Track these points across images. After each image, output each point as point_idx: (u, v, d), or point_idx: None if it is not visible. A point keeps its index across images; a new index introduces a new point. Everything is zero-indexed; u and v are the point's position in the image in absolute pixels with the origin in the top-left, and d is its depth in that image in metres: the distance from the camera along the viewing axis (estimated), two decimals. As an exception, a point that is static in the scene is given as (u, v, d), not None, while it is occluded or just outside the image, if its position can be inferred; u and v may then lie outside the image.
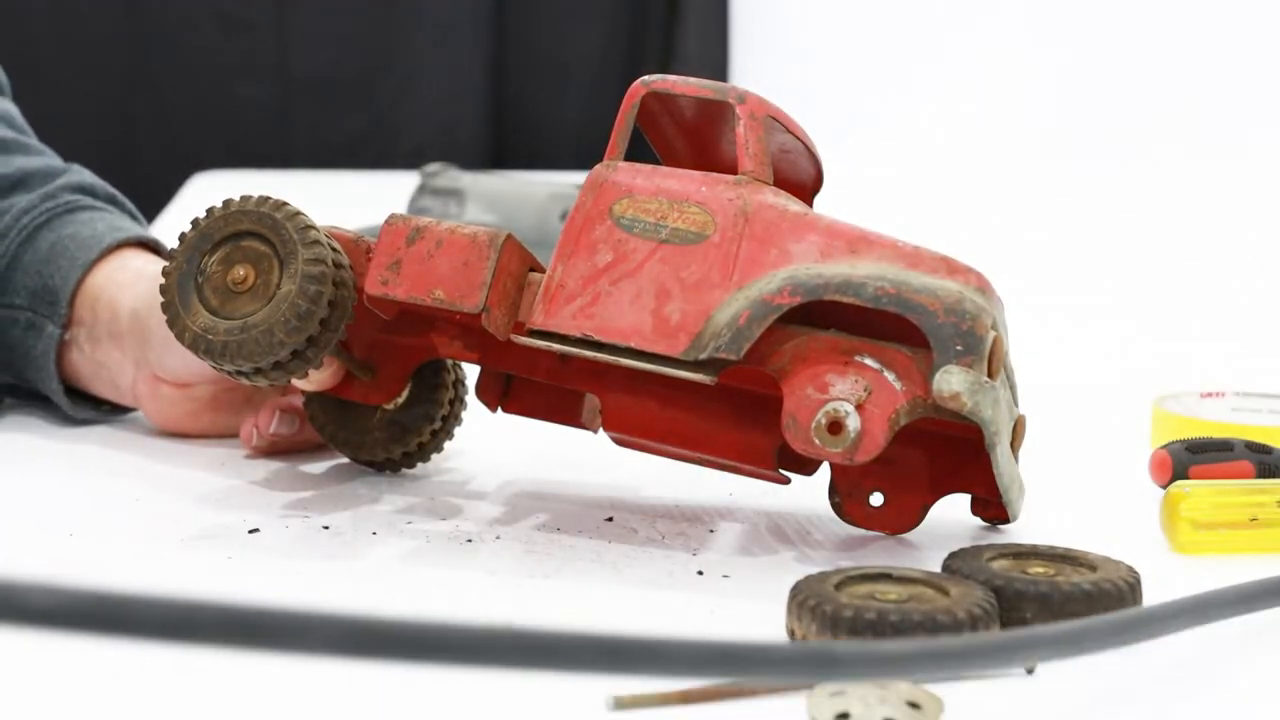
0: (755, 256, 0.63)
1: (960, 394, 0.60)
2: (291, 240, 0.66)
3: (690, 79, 0.67)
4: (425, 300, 0.66)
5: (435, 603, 0.60)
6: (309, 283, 0.66)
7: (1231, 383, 0.92)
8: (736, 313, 0.63)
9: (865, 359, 0.62)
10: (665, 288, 0.64)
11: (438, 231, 0.66)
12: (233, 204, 0.68)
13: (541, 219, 1.33)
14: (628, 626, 0.57)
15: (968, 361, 0.61)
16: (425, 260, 0.66)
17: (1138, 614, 0.54)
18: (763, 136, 0.66)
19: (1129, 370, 1.08)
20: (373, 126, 2.55)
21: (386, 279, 0.66)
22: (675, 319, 0.63)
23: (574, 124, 2.61)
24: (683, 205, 0.65)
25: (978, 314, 0.62)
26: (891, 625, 0.52)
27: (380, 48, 2.54)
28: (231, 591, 0.60)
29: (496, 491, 0.75)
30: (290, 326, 0.65)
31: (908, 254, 0.64)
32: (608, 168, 0.66)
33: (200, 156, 2.37)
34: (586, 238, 0.65)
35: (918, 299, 0.61)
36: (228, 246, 0.67)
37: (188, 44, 2.48)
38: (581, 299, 0.64)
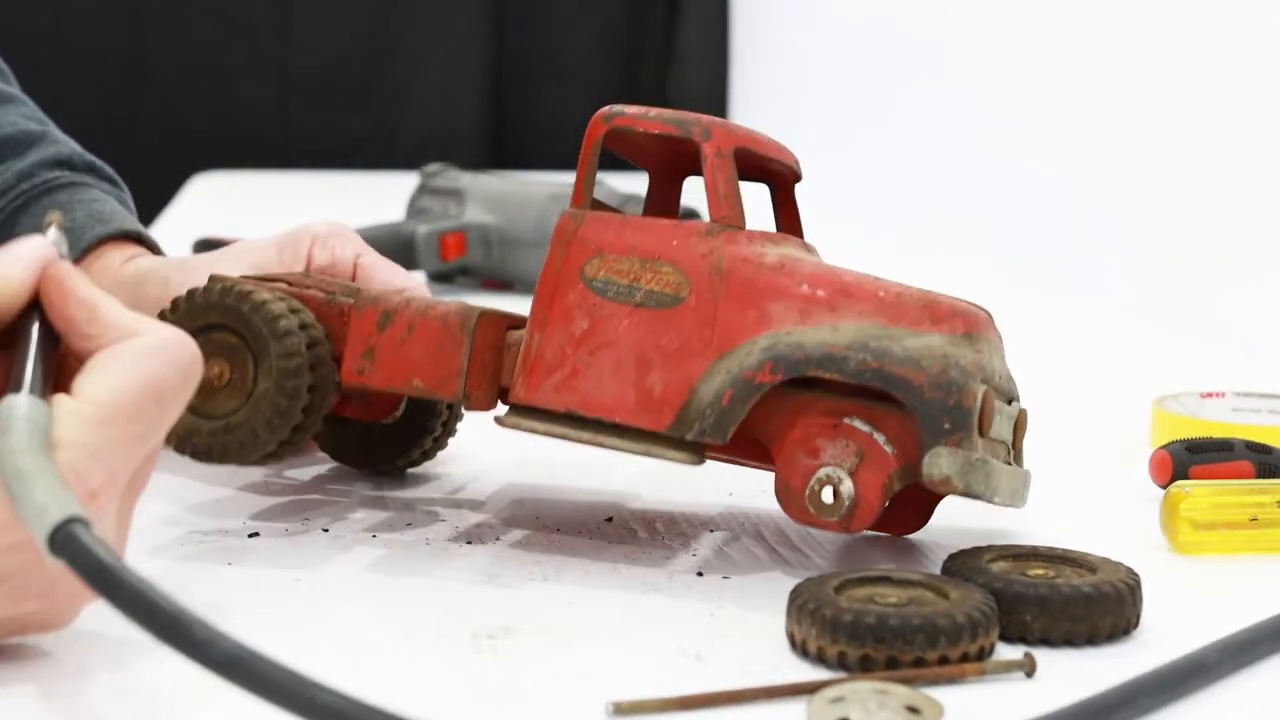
0: (733, 319, 0.62)
1: (951, 477, 0.59)
2: (261, 335, 0.65)
3: (651, 112, 0.65)
4: (404, 390, 0.65)
5: (434, 605, 0.60)
6: (285, 378, 0.64)
7: (1231, 383, 0.92)
8: (719, 390, 0.61)
9: (854, 421, 0.61)
10: (645, 357, 0.62)
11: (408, 315, 0.65)
12: (196, 296, 0.66)
13: (541, 219, 1.32)
14: (627, 628, 0.57)
15: (956, 439, 0.59)
16: (399, 347, 0.65)
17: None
18: (731, 175, 0.63)
19: (1129, 370, 1.08)
20: (373, 126, 2.55)
21: (362, 368, 0.65)
22: (658, 391, 0.62)
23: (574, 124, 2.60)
24: (655, 265, 0.63)
25: (964, 382, 0.60)
26: (891, 629, 0.52)
27: (380, 48, 2.54)
28: (232, 598, 0.60)
29: (496, 493, 0.75)
30: (272, 425, 0.64)
31: (889, 305, 0.61)
32: (574, 219, 0.64)
33: (200, 156, 2.37)
34: (560, 303, 0.63)
35: (901, 373, 0.59)
36: (199, 340, 0.63)
37: (188, 44, 2.48)
38: (562, 371, 0.63)
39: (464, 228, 1.34)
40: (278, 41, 2.51)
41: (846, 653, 0.53)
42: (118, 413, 0.50)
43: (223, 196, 2.03)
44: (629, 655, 0.55)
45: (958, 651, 0.53)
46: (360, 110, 2.54)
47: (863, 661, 0.53)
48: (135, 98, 2.44)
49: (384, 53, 2.54)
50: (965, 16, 1.69)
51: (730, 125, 0.64)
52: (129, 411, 0.50)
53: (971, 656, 0.53)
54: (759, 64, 2.41)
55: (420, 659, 0.54)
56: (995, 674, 0.53)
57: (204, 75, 2.49)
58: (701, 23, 2.55)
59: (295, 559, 0.64)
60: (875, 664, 0.52)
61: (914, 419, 0.60)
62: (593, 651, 0.55)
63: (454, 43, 2.55)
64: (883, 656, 0.52)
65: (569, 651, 0.55)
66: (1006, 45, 1.58)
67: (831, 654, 0.53)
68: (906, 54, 1.84)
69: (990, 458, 0.61)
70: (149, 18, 2.47)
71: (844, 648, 0.53)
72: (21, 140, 0.90)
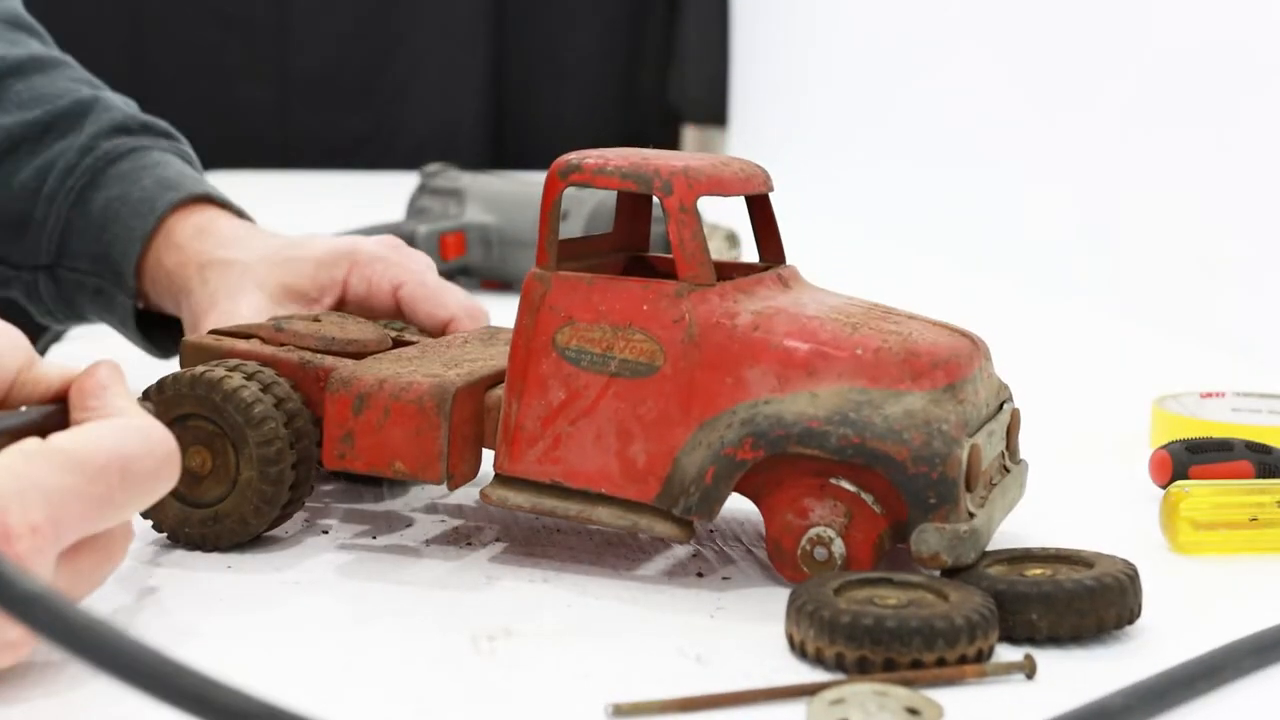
0: (710, 387, 0.60)
1: (940, 554, 0.59)
2: (237, 424, 0.64)
3: (609, 165, 0.63)
4: (387, 473, 0.64)
5: (434, 606, 0.59)
6: (267, 465, 0.63)
7: (1231, 383, 0.92)
8: (702, 467, 0.60)
9: (841, 482, 0.60)
10: (625, 427, 0.61)
11: (382, 398, 0.63)
12: (167, 387, 0.64)
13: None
14: (627, 629, 0.57)
15: (943, 514, 0.58)
16: (377, 431, 0.63)
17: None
18: (697, 231, 0.62)
19: (1129, 370, 1.08)
20: (373, 126, 2.56)
21: (343, 453, 0.64)
22: (641, 461, 0.61)
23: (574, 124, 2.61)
24: (627, 332, 0.61)
25: (948, 452, 0.58)
26: (889, 631, 0.52)
27: (380, 48, 2.54)
28: (232, 599, 0.60)
29: (496, 494, 0.75)
30: (260, 511, 0.64)
31: (868, 365, 0.60)
32: (541, 281, 0.63)
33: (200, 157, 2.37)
34: (535, 371, 0.62)
35: (883, 449, 0.58)
36: (177, 428, 0.64)
37: (188, 44, 2.48)
38: (543, 441, 0.62)
39: (464, 228, 1.34)
40: (278, 41, 2.51)
41: (845, 654, 0.53)
42: (79, 466, 0.50)
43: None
44: (629, 657, 0.55)
45: (956, 653, 0.53)
46: (360, 110, 2.55)
47: (861, 663, 0.53)
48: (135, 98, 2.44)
49: (384, 53, 2.55)
50: (964, 17, 1.69)
51: (692, 171, 0.62)
52: (90, 470, 0.50)
53: (971, 658, 0.53)
54: (759, 64, 2.41)
55: (420, 660, 0.54)
56: (995, 676, 0.53)
57: (204, 75, 2.49)
58: (701, 23, 2.55)
59: (295, 561, 0.64)
60: (872, 665, 0.52)
61: (889, 480, 0.59)
62: (592, 653, 0.55)
63: (454, 43, 2.56)
64: (881, 658, 0.52)
65: (568, 653, 0.55)
66: (1006, 46, 1.58)
67: (830, 656, 0.53)
68: (906, 54, 1.84)
69: (976, 524, 0.59)
70: (149, 18, 2.47)
71: (843, 649, 0.53)
72: (76, 111, 0.90)
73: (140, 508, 0.52)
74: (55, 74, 0.93)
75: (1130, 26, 1.33)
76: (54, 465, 0.49)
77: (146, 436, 0.52)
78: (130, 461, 0.51)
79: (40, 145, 0.89)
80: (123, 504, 0.51)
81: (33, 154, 0.89)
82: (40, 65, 0.93)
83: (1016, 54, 1.56)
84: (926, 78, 1.78)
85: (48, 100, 0.91)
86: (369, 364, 0.66)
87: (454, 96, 2.57)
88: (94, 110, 0.91)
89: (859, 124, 1.95)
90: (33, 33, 0.97)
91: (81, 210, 0.87)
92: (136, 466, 0.51)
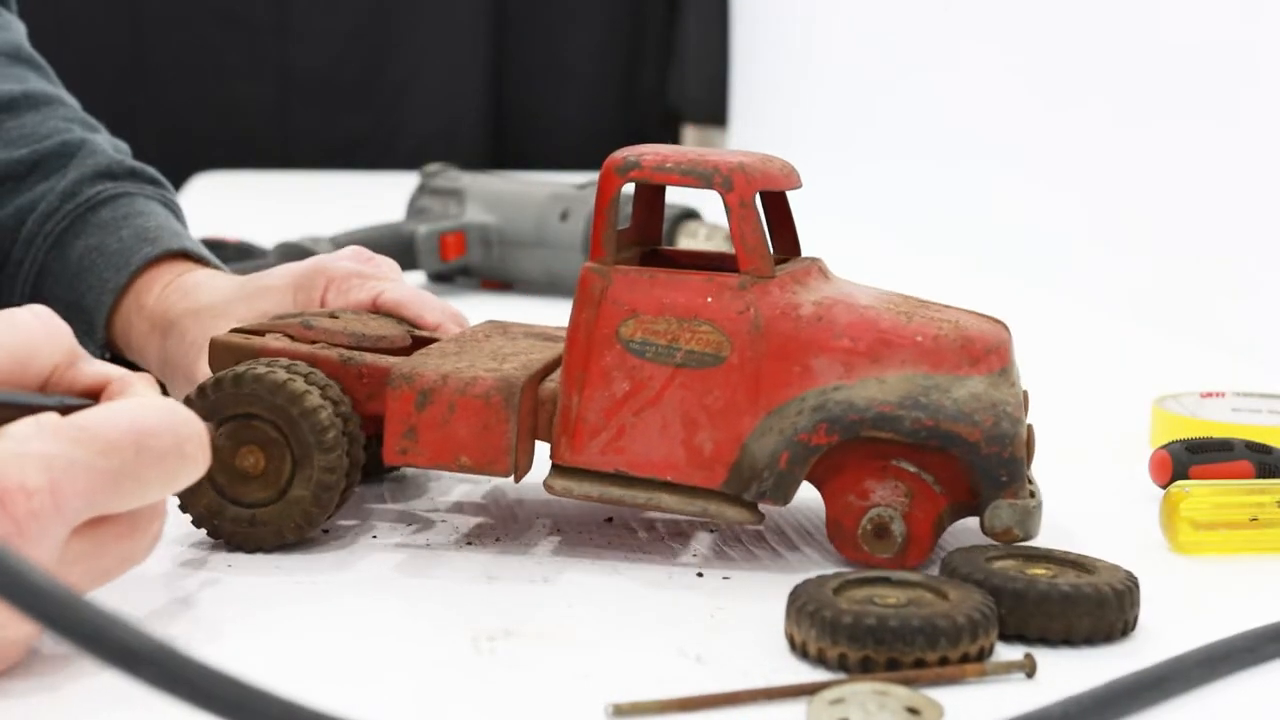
0: (778, 377, 0.62)
1: (1011, 528, 0.62)
2: (307, 444, 0.64)
3: (668, 162, 0.64)
4: (451, 467, 0.64)
5: (433, 607, 0.60)
6: (323, 490, 0.64)
7: (1231, 383, 0.92)
8: (775, 452, 0.62)
9: (902, 463, 0.63)
10: (691, 416, 0.63)
11: (448, 394, 0.63)
12: (245, 382, 0.64)
13: (541, 219, 1.32)
14: (627, 629, 0.57)
15: (1013, 491, 0.62)
16: (442, 426, 0.63)
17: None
18: (757, 224, 0.63)
19: (1129, 370, 1.08)
20: (373, 126, 2.56)
21: (405, 448, 0.64)
22: (708, 449, 0.63)
23: (574, 124, 2.61)
24: (693, 324, 0.63)
25: (1014, 431, 0.62)
26: (891, 630, 0.52)
27: (380, 48, 2.54)
28: (230, 598, 0.60)
29: (496, 494, 0.75)
30: (300, 529, 0.64)
31: (929, 350, 0.62)
32: (601, 275, 0.64)
33: (200, 156, 2.37)
34: (597, 364, 0.63)
35: (956, 430, 0.62)
36: (237, 423, 0.64)
37: (188, 43, 2.48)
38: (606, 432, 0.63)
39: (464, 228, 1.34)
40: (278, 41, 2.51)
41: (846, 654, 0.53)
42: (91, 438, 0.49)
43: (223, 196, 2.03)
44: (629, 657, 0.55)
45: (958, 652, 0.53)
46: (360, 110, 2.55)
47: (863, 663, 0.53)
48: (135, 98, 2.44)
49: (384, 52, 2.54)
50: (964, 17, 1.69)
51: (749, 168, 0.64)
52: (102, 443, 0.50)
53: (971, 657, 0.53)
54: (759, 64, 2.41)
55: (420, 661, 0.54)
56: (995, 675, 0.53)
57: (204, 75, 2.49)
58: (701, 23, 2.55)
59: (295, 561, 0.64)
60: (875, 665, 0.52)
61: (961, 462, 0.62)
62: (592, 653, 0.55)
63: (454, 43, 2.56)
64: (883, 658, 0.52)
65: (569, 653, 0.55)
66: (1006, 45, 1.58)
67: (831, 655, 0.53)
68: (906, 54, 1.84)
69: (1039, 498, 0.64)
70: (149, 18, 2.47)
71: (844, 649, 0.53)
72: (62, 153, 0.90)
73: (168, 488, 0.52)
74: (48, 112, 0.92)
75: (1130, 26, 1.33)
76: (62, 435, 0.49)
77: (169, 414, 0.52)
78: (147, 437, 0.51)
79: (23, 185, 0.89)
80: (142, 480, 0.51)
81: (15, 193, 0.89)
82: (34, 103, 0.92)
83: (1016, 54, 1.56)
84: (926, 77, 1.78)
85: (35, 139, 0.90)
86: (422, 359, 0.66)
87: (454, 96, 2.56)
88: (80, 153, 0.90)
89: (858, 124, 1.95)
90: (33, 67, 0.96)
91: (59, 255, 0.87)
92: (154, 442, 0.51)
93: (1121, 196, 1.35)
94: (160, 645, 0.41)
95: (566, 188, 1.35)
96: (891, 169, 1.86)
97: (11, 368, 0.52)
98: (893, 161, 1.85)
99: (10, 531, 0.47)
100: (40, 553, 0.48)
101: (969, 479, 0.63)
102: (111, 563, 0.52)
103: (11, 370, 0.52)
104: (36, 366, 0.53)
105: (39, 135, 0.90)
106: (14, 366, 0.52)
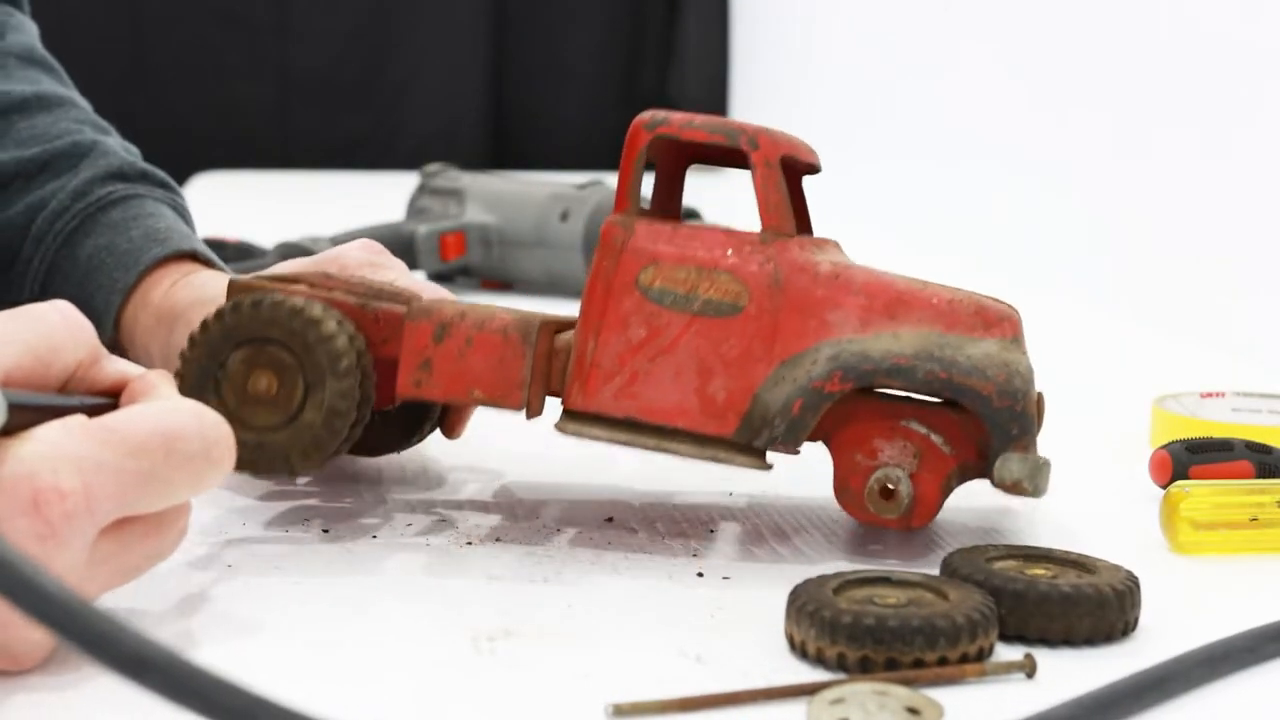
0: (794, 328, 0.63)
1: (1021, 481, 0.63)
2: (320, 368, 0.64)
3: (695, 119, 0.65)
4: (464, 401, 0.65)
5: (434, 608, 0.59)
6: (334, 417, 0.64)
7: (1231, 383, 0.92)
8: (788, 400, 0.63)
9: (911, 424, 0.64)
10: (706, 364, 0.63)
11: (465, 328, 0.64)
12: (264, 306, 0.65)
13: (541, 219, 1.32)
14: (627, 629, 0.57)
15: (1024, 444, 0.63)
16: (458, 359, 0.64)
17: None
18: (780, 184, 0.64)
19: (1129, 370, 1.08)
20: (373, 126, 2.55)
21: (419, 380, 0.65)
22: (721, 397, 0.63)
23: (574, 124, 2.61)
24: (713, 274, 0.64)
25: (1026, 389, 0.63)
26: (890, 630, 0.52)
27: (380, 48, 2.54)
28: (229, 597, 0.60)
29: (496, 493, 0.75)
30: (308, 455, 0.64)
31: (944, 312, 0.64)
32: (623, 227, 0.65)
33: (200, 156, 2.37)
34: (615, 311, 0.64)
35: (969, 383, 0.62)
36: (253, 347, 0.65)
37: (188, 44, 2.48)
38: (620, 377, 0.64)
39: (464, 228, 1.34)
40: (278, 41, 2.51)
41: (845, 654, 0.53)
42: (120, 440, 0.50)
43: (223, 196, 2.03)
44: (629, 657, 0.55)
45: (957, 653, 0.53)
46: (360, 110, 2.54)
47: (861, 663, 0.53)
48: (135, 98, 2.44)
49: (384, 52, 2.54)
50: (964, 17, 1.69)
51: (773, 132, 0.65)
52: (131, 445, 0.50)
53: (971, 657, 0.53)
54: (759, 64, 2.41)
55: (420, 661, 0.54)
56: (995, 675, 0.53)
57: (204, 75, 2.48)
58: (701, 22, 2.55)
59: (295, 561, 0.64)
60: (874, 665, 0.52)
61: (970, 419, 0.63)
62: (592, 653, 0.55)
63: (454, 43, 2.55)
64: (881, 658, 0.52)
65: (569, 653, 0.55)
66: (1006, 45, 1.58)
67: (831, 655, 0.53)
68: (906, 54, 1.84)
69: (1047, 459, 0.64)
70: (149, 18, 2.47)
71: (844, 649, 0.53)
72: (74, 153, 0.90)
73: (193, 490, 0.52)
74: (60, 113, 0.93)
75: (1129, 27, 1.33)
76: (92, 438, 0.50)
77: (197, 417, 0.52)
78: (175, 440, 0.51)
79: (33, 183, 0.89)
80: (170, 483, 0.51)
81: (25, 191, 0.89)
82: (46, 104, 0.93)
83: (1016, 54, 1.56)
84: (926, 77, 1.78)
85: (47, 139, 0.90)
86: (439, 301, 0.67)
87: (454, 96, 2.56)
88: (92, 154, 0.90)
89: (858, 124, 1.95)
90: (46, 69, 0.96)
91: (68, 254, 0.87)
92: (183, 445, 0.51)
93: (1122, 197, 1.35)
94: (168, 654, 0.41)
95: (566, 188, 1.34)
96: (891, 169, 1.86)
97: (35, 366, 0.52)
98: (892, 161, 1.85)
99: (44, 533, 0.48)
100: (71, 554, 0.49)
101: (977, 440, 0.64)
102: (138, 559, 0.53)
103: (35, 369, 0.52)
104: (60, 364, 0.53)
105: (50, 135, 0.91)
106: (37, 365, 0.52)
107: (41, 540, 0.48)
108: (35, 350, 0.52)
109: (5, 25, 0.96)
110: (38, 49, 0.97)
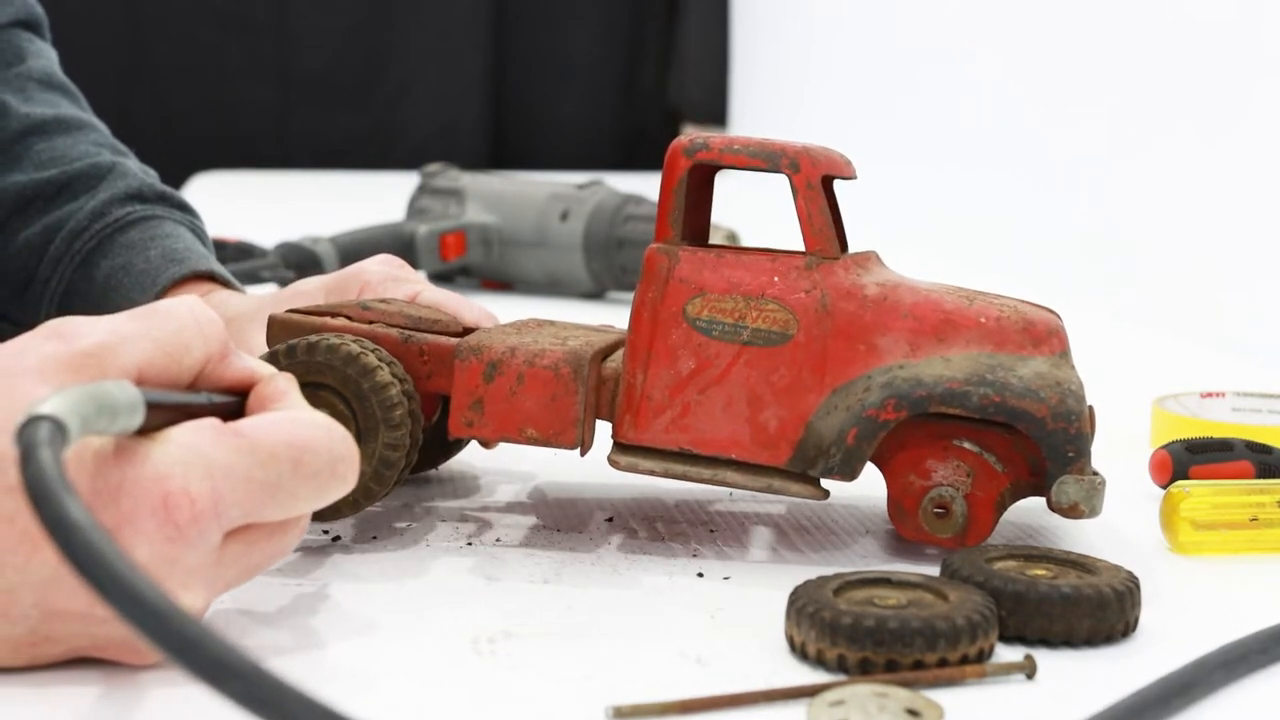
0: (844, 355, 0.63)
1: (1079, 504, 0.63)
2: (374, 418, 0.64)
3: (735, 143, 0.65)
4: (517, 439, 0.64)
5: (434, 608, 0.59)
6: (385, 467, 0.64)
7: (1231, 383, 0.92)
8: (843, 429, 0.62)
9: (964, 443, 0.63)
10: (757, 394, 0.63)
11: (516, 365, 0.64)
12: (319, 351, 0.64)
13: (541, 219, 1.32)
14: (627, 630, 0.57)
15: (1080, 466, 0.63)
16: (509, 398, 0.64)
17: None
18: (823, 206, 0.64)
19: (1129, 370, 1.08)
20: (373, 126, 2.55)
21: (471, 420, 0.65)
22: (773, 427, 0.63)
23: (574, 124, 2.61)
24: (760, 303, 0.63)
25: (1079, 409, 0.62)
26: (890, 632, 0.52)
27: (380, 47, 2.54)
28: (229, 598, 0.60)
29: (496, 494, 0.75)
30: (356, 505, 0.64)
31: (992, 331, 0.63)
32: (667, 255, 0.64)
33: (200, 156, 2.37)
34: (663, 342, 0.64)
35: (1023, 406, 0.62)
36: (306, 391, 0.62)
37: (188, 44, 2.48)
38: (671, 410, 0.64)
39: (464, 228, 1.34)
40: (278, 41, 2.51)
41: (845, 655, 0.53)
42: (251, 449, 0.50)
43: (223, 196, 2.03)
44: (629, 658, 0.55)
45: (957, 654, 0.53)
46: (360, 110, 2.54)
47: (861, 664, 0.53)
48: (135, 97, 2.44)
49: (384, 52, 2.54)
50: (964, 19, 1.68)
51: (813, 152, 0.65)
52: (262, 455, 0.50)
53: (971, 659, 0.53)
54: (759, 65, 2.41)
55: (420, 662, 0.54)
56: (996, 676, 0.53)
57: (204, 75, 2.49)
58: (702, 23, 2.55)
59: (295, 562, 0.64)
60: (874, 666, 0.52)
61: (1022, 438, 0.63)
62: (592, 654, 0.55)
63: (454, 43, 2.55)
64: (881, 659, 0.52)
65: (568, 654, 0.55)
66: (1007, 47, 1.58)
67: (831, 657, 0.53)
68: (906, 55, 1.84)
69: (1102, 478, 0.64)
70: (149, 18, 2.47)
71: (844, 651, 0.53)
72: (92, 175, 0.90)
73: (317, 504, 0.53)
74: (78, 136, 0.93)
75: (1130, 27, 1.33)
76: (224, 443, 0.50)
77: (327, 433, 0.53)
78: (304, 453, 0.51)
79: (52, 205, 0.89)
80: (295, 495, 0.52)
81: (43, 213, 0.89)
82: (65, 126, 0.93)
83: (1017, 56, 1.56)
84: (926, 79, 1.78)
85: (65, 161, 0.91)
86: (486, 335, 0.66)
87: (454, 96, 2.56)
88: (110, 175, 0.90)
89: (858, 124, 1.95)
90: (65, 93, 0.97)
91: (85, 274, 0.87)
92: (311, 459, 0.52)
93: (1122, 197, 1.35)
94: (252, 663, 0.41)
95: (566, 188, 1.34)
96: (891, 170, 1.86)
97: (166, 363, 0.52)
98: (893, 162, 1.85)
99: (171, 535, 0.49)
100: (197, 555, 0.49)
101: (1029, 458, 0.63)
102: (260, 559, 0.53)
103: (166, 366, 0.52)
104: (190, 361, 0.53)
105: (69, 157, 0.91)
106: (169, 363, 0.52)
107: (170, 542, 0.48)
108: (166, 347, 0.52)
109: (26, 50, 0.97)
110: (57, 74, 0.98)
